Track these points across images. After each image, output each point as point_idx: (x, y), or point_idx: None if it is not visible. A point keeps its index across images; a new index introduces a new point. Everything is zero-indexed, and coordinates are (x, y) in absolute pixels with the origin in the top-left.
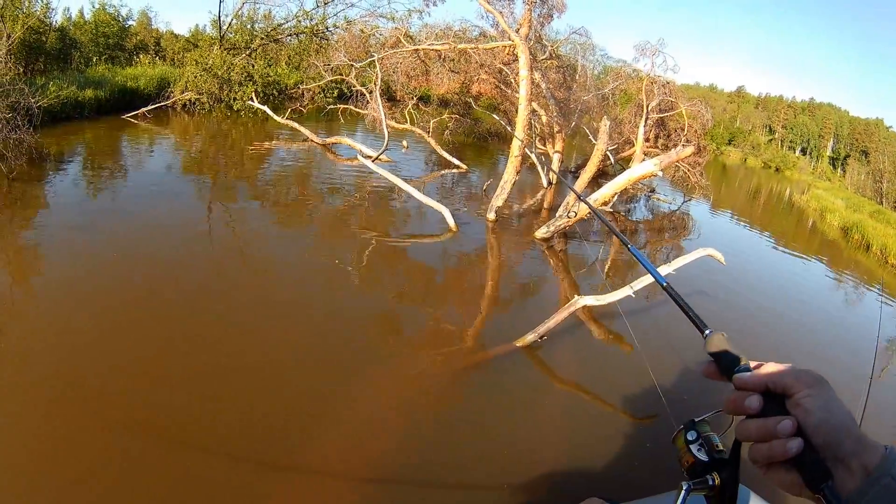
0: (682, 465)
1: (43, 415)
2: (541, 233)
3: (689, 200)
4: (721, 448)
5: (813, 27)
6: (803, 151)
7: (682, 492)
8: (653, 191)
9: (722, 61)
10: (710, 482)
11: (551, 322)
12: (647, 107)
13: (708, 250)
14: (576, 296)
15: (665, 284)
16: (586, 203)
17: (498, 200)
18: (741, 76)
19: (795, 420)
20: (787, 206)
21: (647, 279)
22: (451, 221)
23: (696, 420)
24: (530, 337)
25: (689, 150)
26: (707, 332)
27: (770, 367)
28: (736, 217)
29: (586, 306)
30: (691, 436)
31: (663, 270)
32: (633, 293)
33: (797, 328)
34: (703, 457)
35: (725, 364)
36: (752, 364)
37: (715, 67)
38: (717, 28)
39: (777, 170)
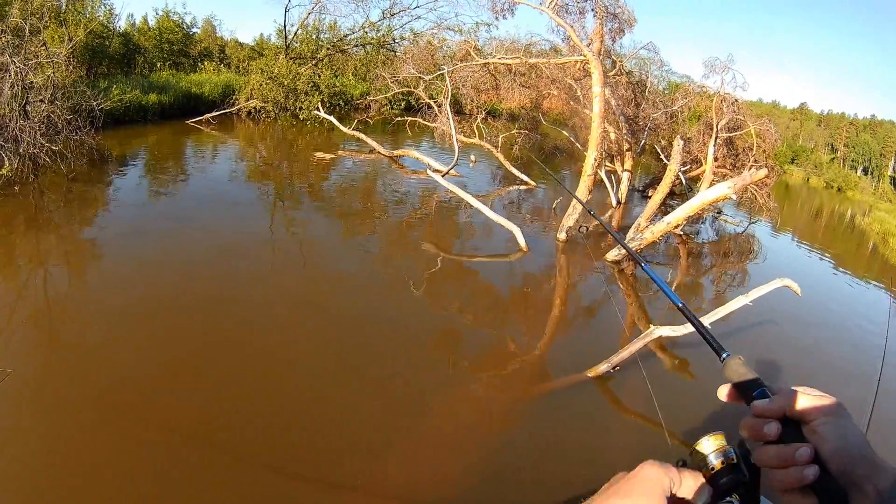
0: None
1: (97, 416)
2: (612, 255)
3: (756, 222)
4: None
5: (875, 42)
6: (865, 171)
7: None
8: (720, 212)
9: (782, 75)
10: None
11: (625, 352)
12: (717, 125)
13: (785, 281)
14: (651, 326)
15: (680, 306)
16: (594, 215)
17: (569, 220)
18: (803, 91)
19: (812, 447)
20: (849, 227)
21: (724, 310)
22: (521, 241)
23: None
24: (603, 367)
25: (763, 172)
26: (724, 355)
27: (789, 394)
28: (797, 239)
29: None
30: (708, 448)
31: (740, 301)
32: (710, 325)
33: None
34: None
35: (744, 388)
36: (772, 389)
37: (775, 81)
38: (777, 42)
39: (839, 189)
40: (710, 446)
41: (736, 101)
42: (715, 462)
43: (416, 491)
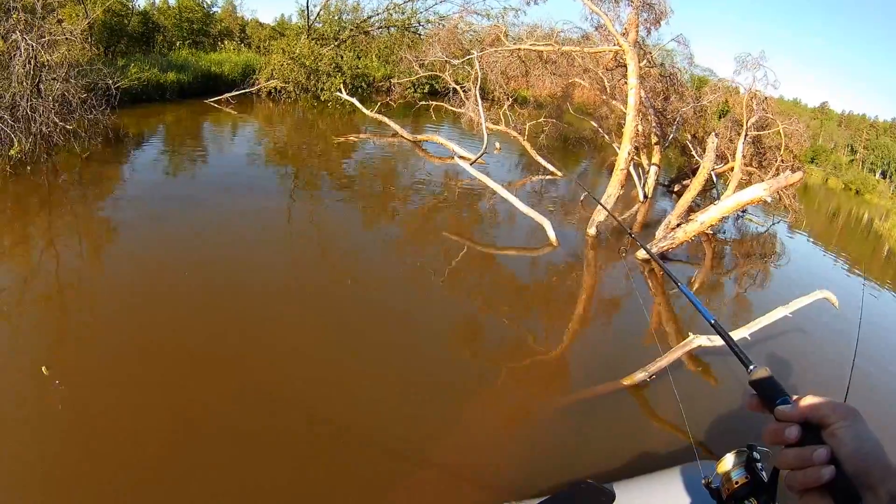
0: (725, 491)
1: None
2: (642, 253)
3: (779, 222)
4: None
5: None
6: (883, 175)
7: None
8: (744, 211)
9: (805, 74)
10: None
11: (663, 361)
12: (747, 123)
13: (824, 293)
14: (690, 334)
15: (713, 322)
16: (632, 236)
17: (600, 215)
18: (824, 91)
19: (830, 449)
20: (866, 231)
21: (765, 321)
22: (552, 235)
23: (738, 450)
24: (640, 375)
25: (798, 175)
26: (751, 367)
27: (809, 400)
28: (813, 240)
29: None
30: (732, 464)
31: (780, 312)
32: (749, 336)
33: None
34: (744, 481)
35: (769, 397)
36: (793, 397)
37: (797, 79)
38: (800, 40)
39: (857, 192)
40: (731, 462)
41: (766, 98)
42: (737, 478)
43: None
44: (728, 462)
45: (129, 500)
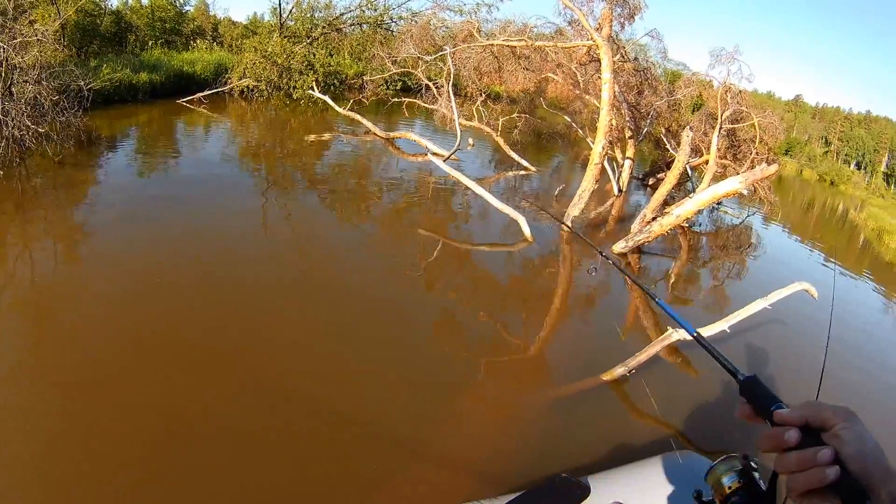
0: (718, 498)
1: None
2: (619, 247)
3: (754, 214)
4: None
5: (871, 37)
6: (858, 166)
7: None
8: (719, 203)
9: (778, 66)
10: None
11: (643, 356)
12: (721, 116)
13: (803, 285)
14: (669, 329)
15: (695, 335)
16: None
17: (574, 209)
18: (798, 83)
19: (833, 449)
20: (841, 221)
21: (744, 313)
22: (527, 231)
23: (728, 456)
24: (620, 370)
25: (774, 168)
26: (740, 376)
27: (807, 403)
28: (788, 230)
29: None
30: (725, 471)
31: (759, 304)
32: (729, 329)
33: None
34: (738, 486)
35: (762, 404)
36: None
37: (770, 72)
38: (773, 33)
39: (832, 183)
40: (723, 469)
41: (741, 92)
42: (729, 483)
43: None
44: (718, 469)
45: (130, 500)
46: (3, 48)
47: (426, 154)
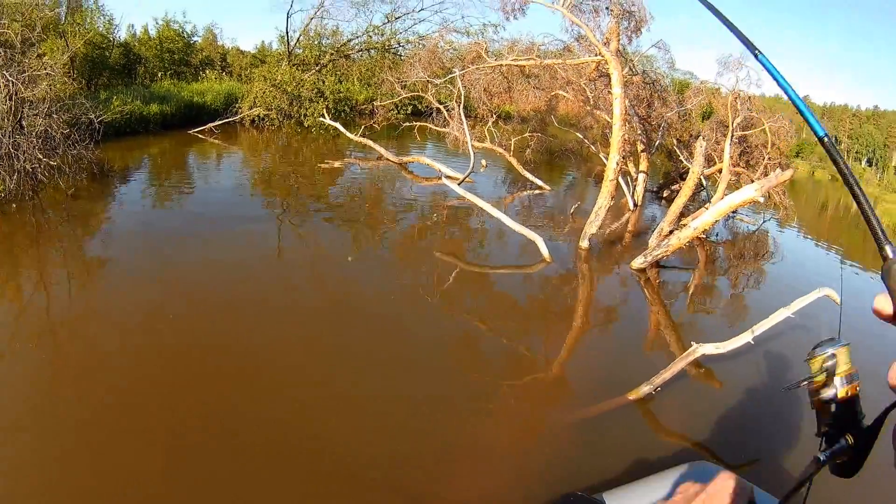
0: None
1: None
2: (637, 263)
3: (769, 220)
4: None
5: (877, 31)
6: (869, 162)
7: (816, 465)
8: (735, 211)
9: (782, 67)
10: (844, 444)
11: (667, 373)
12: (733, 124)
13: (826, 290)
14: (693, 343)
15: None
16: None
17: (592, 227)
18: (805, 84)
19: None
20: (856, 220)
21: (768, 323)
22: (545, 251)
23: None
24: (645, 389)
25: (789, 173)
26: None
27: None
28: (804, 233)
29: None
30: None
31: (783, 313)
32: (753, 340)
33: None
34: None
35: None
36: None
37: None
38: (778, 36)
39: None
40: (842, 363)
41: (750, 98)
42: (840, 389)
43: None
44: (841, 358)
45: None
46: (13, 82)
47: (440, 178)
